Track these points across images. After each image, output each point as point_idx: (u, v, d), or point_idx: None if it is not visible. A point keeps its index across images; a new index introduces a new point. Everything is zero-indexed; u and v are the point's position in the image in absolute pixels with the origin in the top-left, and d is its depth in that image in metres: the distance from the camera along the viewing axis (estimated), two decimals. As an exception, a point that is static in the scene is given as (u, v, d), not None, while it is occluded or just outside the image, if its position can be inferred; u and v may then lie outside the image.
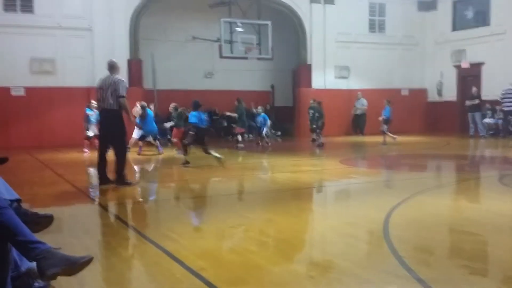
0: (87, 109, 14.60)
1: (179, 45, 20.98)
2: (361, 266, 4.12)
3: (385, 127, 16.72)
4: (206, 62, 21.30)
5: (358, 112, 21.13)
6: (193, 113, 11.07)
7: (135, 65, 18.25)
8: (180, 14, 20.54)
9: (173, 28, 20.72)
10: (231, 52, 18.32)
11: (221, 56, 18.58)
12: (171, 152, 14.15)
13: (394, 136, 16.58)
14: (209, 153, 10.83)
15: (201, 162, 11.31)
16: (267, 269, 4.06)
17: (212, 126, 19.27)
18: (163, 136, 18.52)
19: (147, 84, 19.47)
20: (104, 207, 6.92)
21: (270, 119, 21.92)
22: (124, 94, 7.95)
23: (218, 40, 18.79)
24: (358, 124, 21.23)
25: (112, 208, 6.86)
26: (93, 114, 13.96)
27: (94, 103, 12.87)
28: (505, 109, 18.07)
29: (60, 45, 17.43)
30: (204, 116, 11.53)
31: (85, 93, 17.55)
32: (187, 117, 12.44)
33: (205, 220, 6.15)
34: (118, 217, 6.20)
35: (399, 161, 12.53)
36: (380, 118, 16.98)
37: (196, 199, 7.77)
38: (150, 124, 14.12)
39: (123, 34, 18.03)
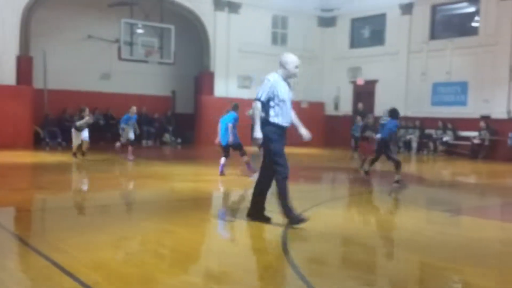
0: None
1: (73, 43, 19.83)
2: (260, 278, 4.16)
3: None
4: (103, 63, 20.33)
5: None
6: None
7: (24, 62, 17.09)
8: (76, 11, 19.49)
9: (68, 25, 19.60)
10: (131, 55, 17.84)
11: (120, 58, 17.99)
12: (67, 158, 13.38)
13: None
14: None
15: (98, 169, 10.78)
16: (165, 282, 3.93)
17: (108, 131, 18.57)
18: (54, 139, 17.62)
19: (37, 83, 18.26)
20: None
21: (170, 126, 21.61)
22: (259, 97, 5.98)
23: (117, 41, 18.20)
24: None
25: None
26: None
27: None
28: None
29: None
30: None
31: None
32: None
33: (99, 231, 5.80)
34: (3, 226, 5.67)
35: (298, 173, 12.77)
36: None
37: (90, 208, 7.37)
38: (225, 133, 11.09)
39: (13, 28, 16.80)
